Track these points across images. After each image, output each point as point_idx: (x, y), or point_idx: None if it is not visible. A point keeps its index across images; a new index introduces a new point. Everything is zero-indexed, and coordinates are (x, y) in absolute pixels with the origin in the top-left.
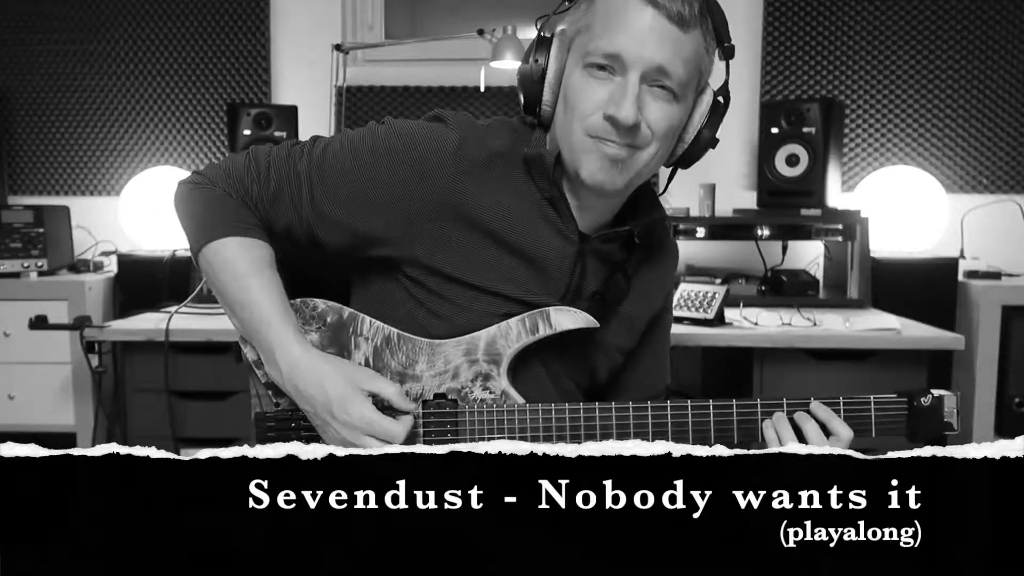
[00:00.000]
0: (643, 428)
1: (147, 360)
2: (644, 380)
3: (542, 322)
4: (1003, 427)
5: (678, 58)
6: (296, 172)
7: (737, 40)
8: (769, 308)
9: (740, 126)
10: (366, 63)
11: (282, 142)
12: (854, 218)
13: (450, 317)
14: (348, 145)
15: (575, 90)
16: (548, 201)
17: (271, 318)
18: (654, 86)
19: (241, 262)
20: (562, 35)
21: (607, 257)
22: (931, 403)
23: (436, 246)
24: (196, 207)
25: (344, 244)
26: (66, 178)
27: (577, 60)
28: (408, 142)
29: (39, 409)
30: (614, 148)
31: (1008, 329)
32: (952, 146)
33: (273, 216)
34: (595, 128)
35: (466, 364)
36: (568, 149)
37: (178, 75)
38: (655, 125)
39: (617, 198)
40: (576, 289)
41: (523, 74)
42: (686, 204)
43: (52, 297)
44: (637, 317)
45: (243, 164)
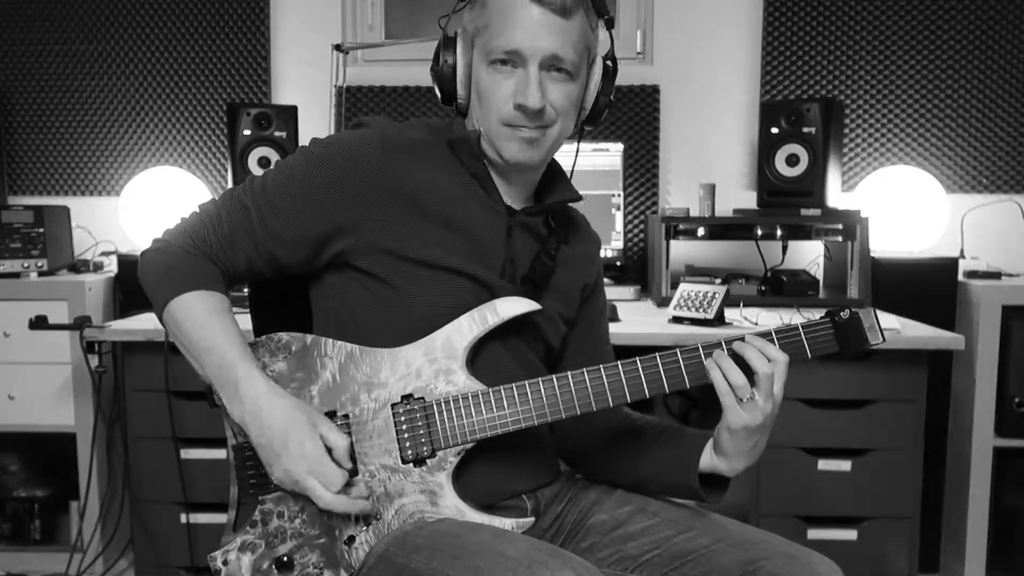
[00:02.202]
0: (600, 389)
1: (147, 360)
2: (589, 347)
3: (490, 314)
4: (1003, 427)
5: (567, 44)
6: (244, 207)
7: (737, 40)
8: (769, 308)
9: (740, 126)
10: (366, 63)
11: (225, 191)
12: (854, 218)
13: (408, 302)
14: (284, 167)
15: (484, 86)
16: (474, 177)
17: (234, 357)
18: (552, 70)
19: (200, 311)
20: (464, 33)
21: (534, 231)
22: (849, 316)
23: (383, 226)
24: (158, 270)
25: (304, 256)
26: (66, 178)
27: (481, 57)
28: (335, 145)
29: (39, 409)
30: (527, 131)
31: (1008, 329)
32: (952, 146)
33: (233, 257)
34: (508, 117)
35: (427, 363)
36: (487, 135)
37: (178, 75)
38: (557, 104)
39: (534, 173)
40: (511, 260)
41: (436, 73)
42: (686, 204)
43: (52, 297)
44: (569, 286)
45: (196, 219)
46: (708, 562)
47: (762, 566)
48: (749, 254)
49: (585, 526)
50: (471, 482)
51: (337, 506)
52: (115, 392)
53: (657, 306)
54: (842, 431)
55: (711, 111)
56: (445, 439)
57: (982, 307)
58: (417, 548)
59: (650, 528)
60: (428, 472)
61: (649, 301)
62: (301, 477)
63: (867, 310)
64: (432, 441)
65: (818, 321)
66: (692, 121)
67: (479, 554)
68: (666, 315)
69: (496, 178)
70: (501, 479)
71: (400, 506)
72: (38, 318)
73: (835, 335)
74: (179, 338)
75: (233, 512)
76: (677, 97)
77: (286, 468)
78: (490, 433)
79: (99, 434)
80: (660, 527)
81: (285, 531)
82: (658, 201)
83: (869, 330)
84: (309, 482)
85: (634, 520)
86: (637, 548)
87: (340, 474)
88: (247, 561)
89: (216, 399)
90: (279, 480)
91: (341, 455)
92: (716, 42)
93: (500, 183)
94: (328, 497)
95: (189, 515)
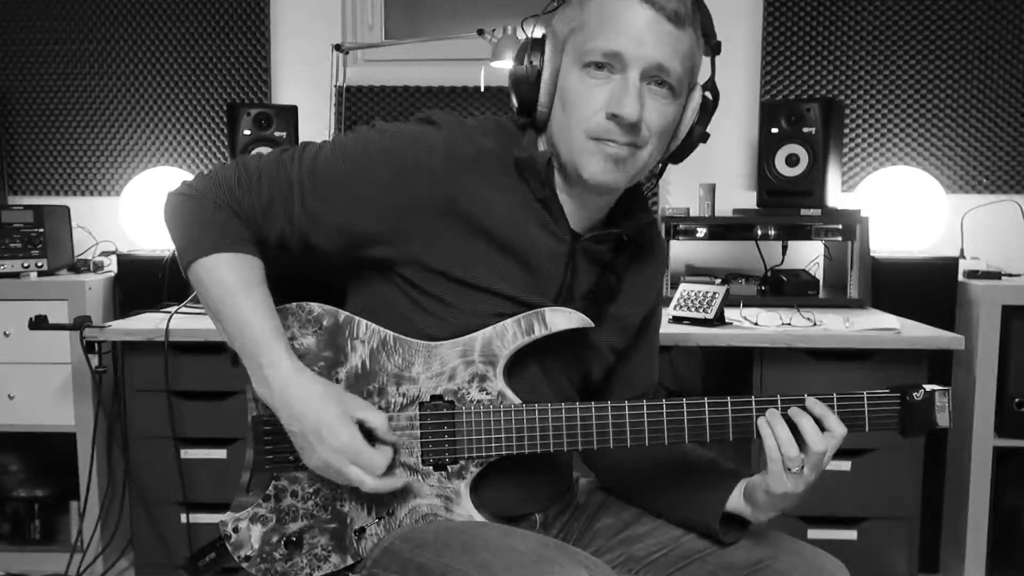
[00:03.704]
0: (639, 427)
1: (147, 360)
2: (637, 377)
3: (537, 323)
4: (1003, 427)
5: (676, 55)
6: (288, 179)
7: (737, 40)
8: (769, 308)
9: (740, 126)
10: (366, 63)
11: (271, 151)
12: (854, 218)
13: (445, 317)
14: (339, 149)
15: (574, 92)
16: (540, 202)
17: (262, 337)
18: (652, 83)
19: (231, 279)
20: (554, 35)
21: (597, 257)
22: (923, 398)
23: (430, 243)
24: (186, 220)
25: (339, 247)
26: (66, 178)
27: (573, 60)
28: (399, 143)
29: (39, 409)
30: (615, 148)
31: (1008, 329)
32: (952, 146)
33: (265, 226)
34: (597, 130)
35: (462, 365)
36: (568, 151)
37: (178, 75)
38: (652, 123)
39: (613, 195)
40: (569, 289)
41: (517, 76)
42: (686, 204)
43: (52, 297)
44: (630, 316)
45: (233, 175)
46: (715, 561)
47: (768, 565)
48: (749, 254)
49: (592, 530)
50: (486, 495)
51: (383, 488)
52: (115, 392)
53: None
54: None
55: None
56: (468, 449)
57: (982, 307)
58: (424, 543)
59: (656, 529)
60: (447, 478)
61: None
62: (343, 468)
63: (943, 390)
64: (455, 449)
65: (886, 395)
66: None
67: (488, 549)
68: (666, 315)
69: (568, 200)
70: (516, 498)
71: (415, 506)
72: (38, 318)
73: (900, 414)
74: (204, 299)
75: (247, 474)
76: None
77: (324, 460)
78: (516, 451)
79: (99, 434)
80: (666, 528)
81: (297, 510)
82: (658, 201)
83: (939, 412)
84: (352, 472)
85: (640, 522)
86: (644, 549)
87: (382, 456)
88: (257, 532)
89: (238, 360)
90: (315, 468)
91: (384, 434)
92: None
93: (571, 206)
94: (371, 483)
95: (189, 515)
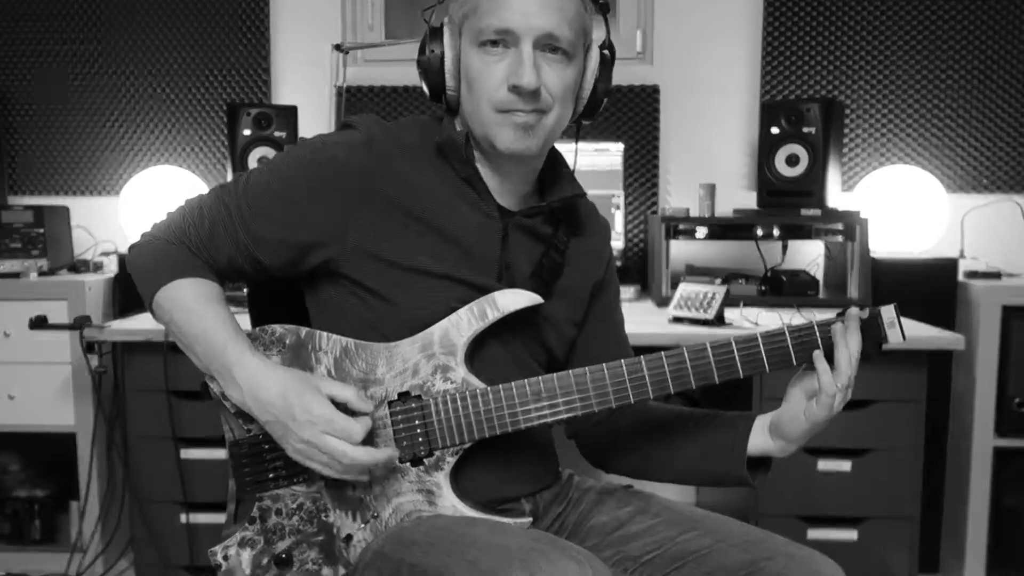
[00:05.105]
0: (621, 385)
1: (147, 360)
2: (603, 350)
3: (489, 307)
4: (1003, 427)
5: (564, 21)
6: (225, 205)
7: (737, 40)
8: (769, 308)
9: (740, 126)
10: (366, 63)
11: (212, 187)
12: (854, 218)
13: (397, 313)
14: (267, 168)
15: (476, 71)
16: (465, 181)
17: (225, 341)
18: (546, 51)
19: (189, 298)
20: (450, 22)
21: (534, 232)
22: (869, 315)
23: (365, 233)
24: (144, 260)
25: (285, 261)
26: (66, 178)
27: (471, 42)
28: (321, 148)
29: (39, 409)
30: (523, 116)
31: (1008, 329)
32: (952, 146)
33: (215, 252)
34: (502, 102)
35: (424, 359)
36: (480, 126)
37: (178, 75)
38: (553, 87)
39: (532, 164)
40: (507, 265)
41: (423, 65)
42: (686, 204)
43: (52, 297)
44: (578, 287)
45: (180, 214)
46: (710, 562)
47: (764, 566)
48: (749, 254)
49: (586, 527)
50: (469, 484)
51: (365, 457)
52: (115, 392)
53: (657, 306)
54: (842, 431)
55: (711, 111)
56: (442, 439)
57: (982, 307)
58: (414, 543)
59: (651, 528)
60: (425, 472)
61: (649, 301)
62: (319, 441)
63: (890, 306)
64: (429, 441)
65: (833, 320)
66: (692, 121)
67: (476, 546)
68: (666, 315)
69: (491, 176)
70: (499, 481)
71: (397, 505)
72: (38, 318)
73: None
74: (171, 328)
75: (232, 506)
76: (677, 97)
77: (301, 438)
78: (488, 433)
79: (99, 434)
80: (661, 527)
81: (283, 528)
82: (658, 201)
83: (888, 328)
84: (329, 442)
85: (635, 521)
86: (639, 549)
87: (358, 423)
88: (247, 557)
89: (212, 392)
90: (296, 453)
91: (357, 404)
92: (716, 42)
93: (495, 181)
94: (352, 451)
95: (189, 515)
